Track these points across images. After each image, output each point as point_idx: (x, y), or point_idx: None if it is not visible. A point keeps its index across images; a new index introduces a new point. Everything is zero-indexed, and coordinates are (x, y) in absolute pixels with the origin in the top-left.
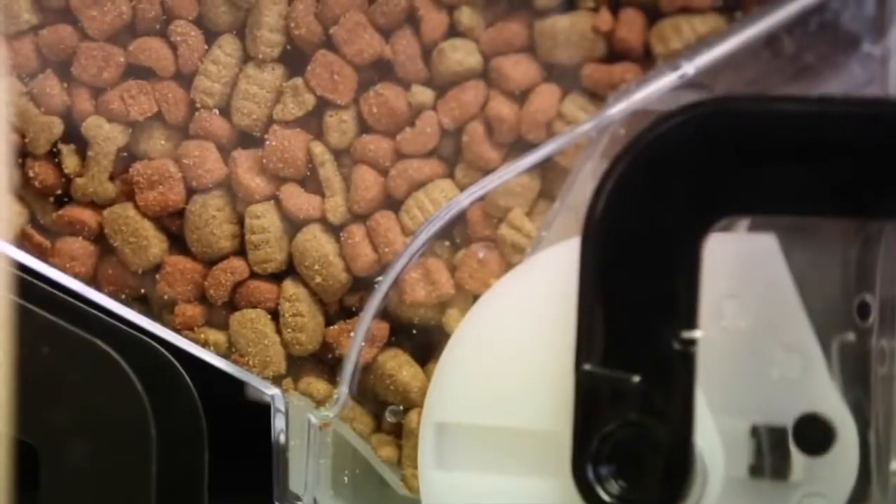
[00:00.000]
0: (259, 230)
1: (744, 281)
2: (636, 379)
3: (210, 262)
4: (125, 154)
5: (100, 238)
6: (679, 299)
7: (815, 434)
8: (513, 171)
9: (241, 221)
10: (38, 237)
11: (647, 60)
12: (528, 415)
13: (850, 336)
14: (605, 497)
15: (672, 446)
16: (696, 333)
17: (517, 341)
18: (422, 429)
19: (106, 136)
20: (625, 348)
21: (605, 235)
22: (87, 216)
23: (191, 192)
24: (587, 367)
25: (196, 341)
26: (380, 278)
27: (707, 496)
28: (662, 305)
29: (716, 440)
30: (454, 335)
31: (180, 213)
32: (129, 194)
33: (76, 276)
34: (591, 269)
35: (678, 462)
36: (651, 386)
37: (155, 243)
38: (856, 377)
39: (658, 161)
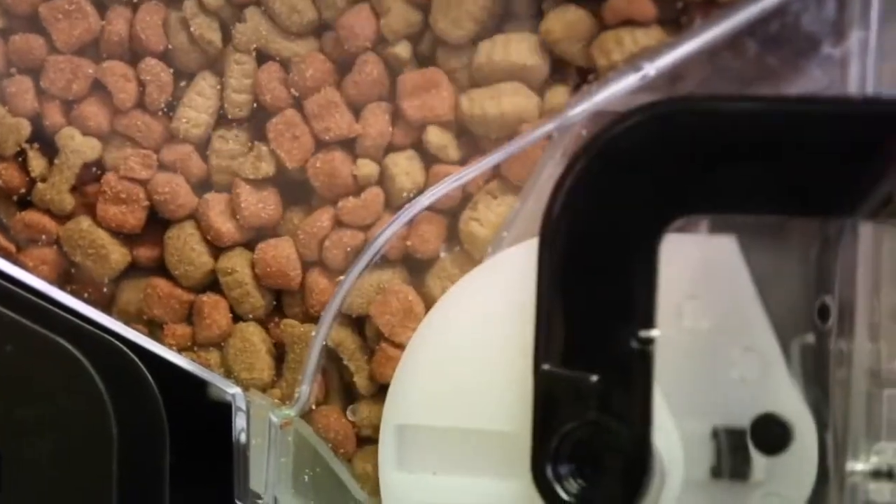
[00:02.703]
0: (236, 285)
1: (704, 282)
2: (594, 378)
3: (190, 283)
4: (94, 168)
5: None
6: (637, 298)
7: (772, 434)
8: (474, 171)
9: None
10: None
11: None
12: (488, 416)
13: (811, 338)
14: (565, 496)
15: (630, 445)
16: (654, 332)
17: (477, 342)
18: (382, 431)
19: (75, 148)
20: (583, 348)
21: (563, 235)
22: (46, 221)
23: (162, 222)
24: (546, 366)
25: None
26: (341, 278)
27: (666, 496)
28: (620, 305)
29: (675, 440)
30: (414, 336)
31: (137, 235)
32: (87, 207)
33: (43, 278)
34: (549, 268)
35: (636, 461)
36: (609, 385)
37: (114, 249)
38: (815, 378)
39: (615, 161)
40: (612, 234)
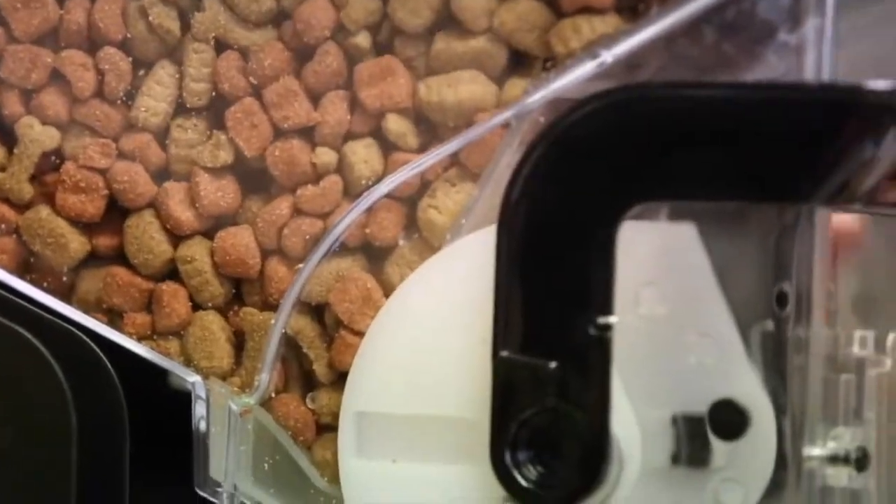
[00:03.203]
0: (195, 274)
1: (662, 269)
2: (553, 365)
3: (150, 272)
4: (54, 158)
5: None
6: (595, 285)
7: (729, 420)
8: (432, 159)
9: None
10: None
11: None
12: (447, 403)
13: (769, 324)
14: (523, 482)
15: (588, 432)
16: (612, 319)
17: (436, 329)
18: (341, 418)
19: (34, 137)
20: (541, 334)
21: (521, 222)
22: (5, 210)
23: (121, 210)
24: (504, 353)
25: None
26: (300, 266)
27: (624, 482)
28: (578, 291)
29: (633, 427)
30: (373, 324)
31: (96, 224)
32: (47, 196)
33: (2, 267)
34: (506, 255)
35: (595, 448)
36: (568, 372)
37: (73, 238)
38: (774, 365)
39: (572, 148)
40: (570, 221)
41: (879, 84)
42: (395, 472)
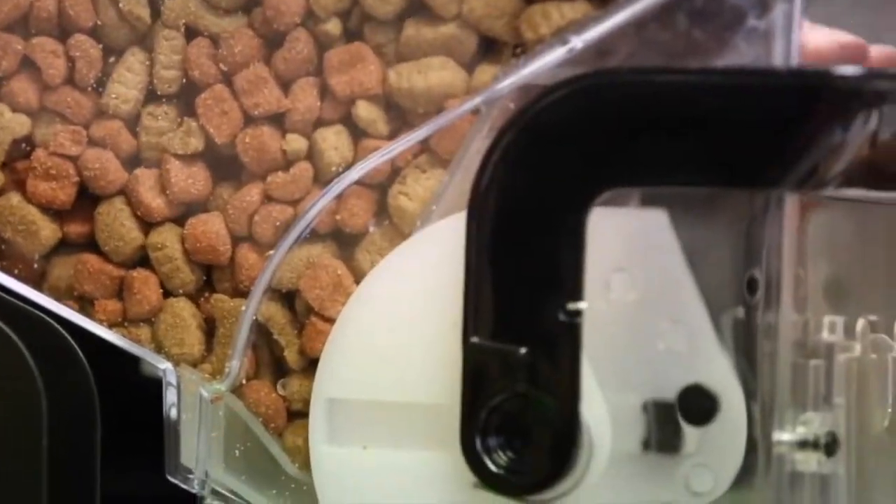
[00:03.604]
0: (166, 260)
1: (633, 254)
2: (523, 351)
3: (121, 259)
4: (24, 145)
5: None
6: (564, 271)
7: (699, 405)
8: (402, 145)
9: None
10: None
11: None
12: (418, 389)
13: (740, 310)
14: (493, 468)
15: (558, 418)
16: (582, 305)
17: (407, 316)
18: (312, 405)
19: (5, 124)
20: (511, 321)
21: (491, 208)
22: None
23: (92, 197)
24: (475, 339)
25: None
26: (270, 253)
27: (594, 467)
28: (548, 277)
29: (603, 413)
30: (344, 310)
31: (67, 212)
32: (17, 183)
33: None
34: (477, 241)
35: (564, 433)
36: (538, 358)
37: (44, 226)
38: (744, 351)
39: (542, 134)
40: (540, 207)
41: (848, 70)
42: (366, 459)
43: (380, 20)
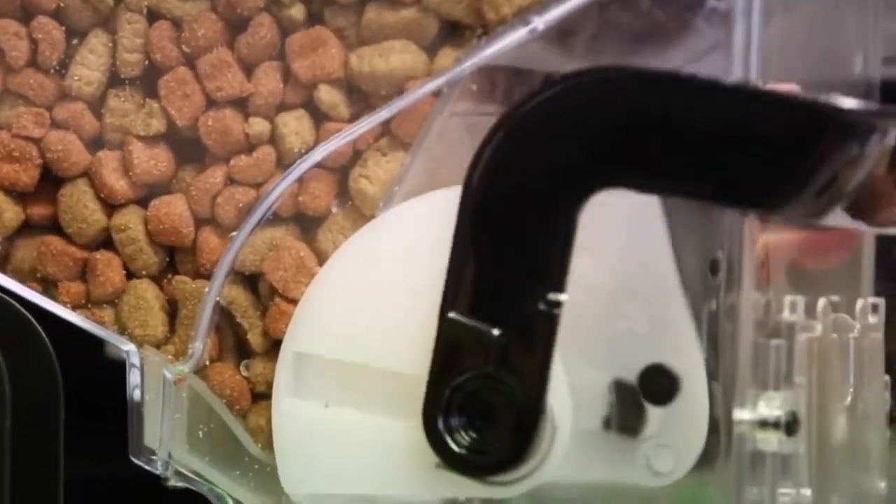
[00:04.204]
0: (129, 242)
1: (598, 235)
2: (497, 332)
3: (84, 241)
4: None
5: None
6: (551, 263)
7: (659, 384)
8: (363, 127)
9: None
10: None
11: None
12: (386, 356)
13: (705, 293)
14: (455, 448)
15: (524, 402)
16: (562, 297)
17: (383, 284)
18: (281, 356)
19: None
20: (491, 301)
21: (483, 197)
22: None
23: (56, 179)
24: (452, 314)
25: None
26: (233, 234)
27: (555, 449)
28: (534, 266)
29: (565, 394)
30: (323, 268)
31: (30, 194)
32: None
33: None
34: (468, 222)
35: (529, 417)
36: (511, 341)
37: (7, 208)
38: (709, 333)
39: (538, 129)
40: (534, 201)
41: (853, 103)
42: (327, 416)
43: (341, 4)
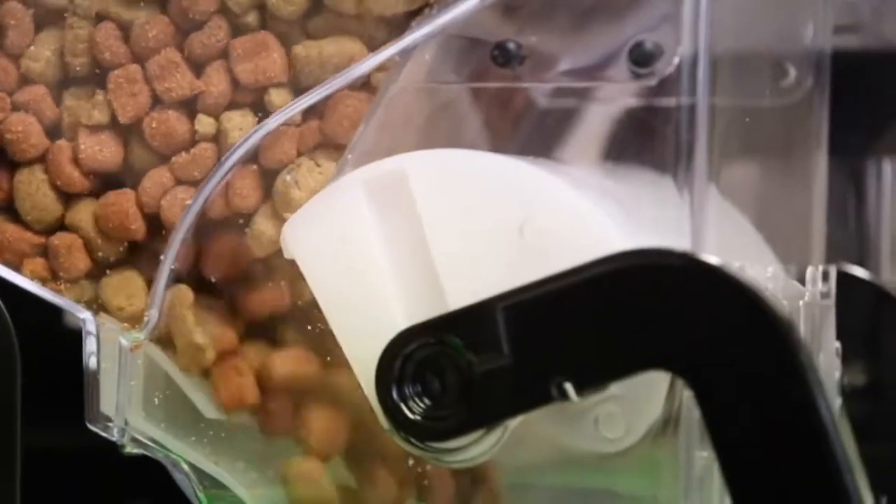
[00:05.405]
0: (87, 238)
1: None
2: None
3: (42, 227)
4: None
5: None
6: None
7: None
8: (319, 94)
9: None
10: None
11: None
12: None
13: None
14: (410, 415)
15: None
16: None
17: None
18: None
19: None
20: None
21: None
22: None
23: (14, 164)
24: None
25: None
26: (188, 202)
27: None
28: None
29: None
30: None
31: None
32: None
33: None
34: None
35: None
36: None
37: None
38: None
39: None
40: None
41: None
42: None
43: (283, 20)
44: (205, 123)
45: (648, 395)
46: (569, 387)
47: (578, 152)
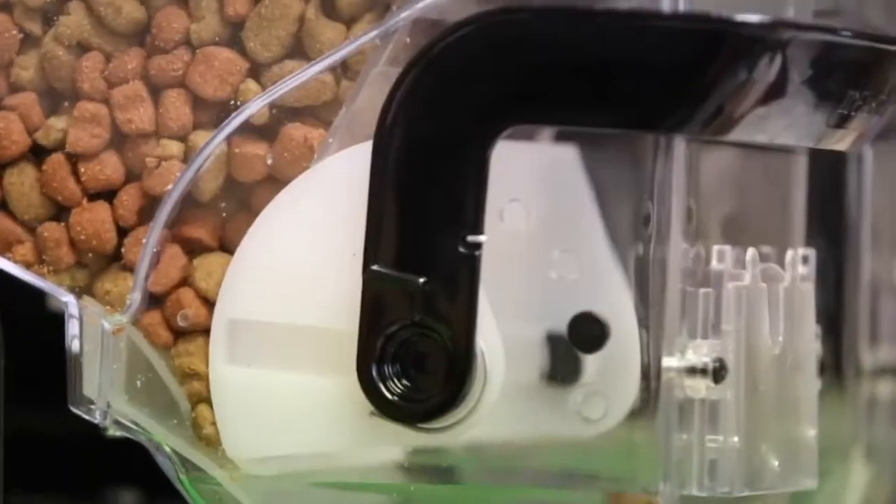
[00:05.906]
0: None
1: (527, 186)
2: (422, 280)
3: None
4: None
5: None
6: (466, 204)
7: (588, 331)
8: (300, 78)
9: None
10: None
11: None
12: (318, 314)
13: (636, 243)
14: (388, 395)
15: (454, 347)
16: (481, 238)
17: (309, 242)
18: (214, 324)
19: None
20: (412, 251)
21: (396, 140)
22: None
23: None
24: (375, 267)
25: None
26: (170, 186)
27: (487, 396)
28: (449, 209)
29: (498, 342)
30: (249, 232)
31: None
32: None
33: None
34: (381, 171)
35: (459, 362)
36: (436, 288)
37: None
38: (642, 284)
39: (448, 69)
40: (444, 142)
41: (751, 17)
42: (264, 380)
43: (261, 63)
44: (168, 146)
45: (624, 372)
46: None
47: None
